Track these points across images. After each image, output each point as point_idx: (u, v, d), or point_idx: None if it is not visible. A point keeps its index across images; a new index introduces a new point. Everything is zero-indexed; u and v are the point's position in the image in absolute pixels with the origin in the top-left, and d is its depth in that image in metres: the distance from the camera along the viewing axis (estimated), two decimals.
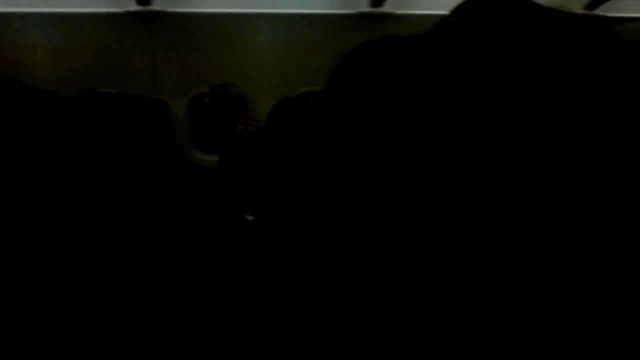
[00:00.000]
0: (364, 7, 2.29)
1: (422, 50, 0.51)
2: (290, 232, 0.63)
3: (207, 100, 2.28)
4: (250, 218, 1.33)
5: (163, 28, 2.23)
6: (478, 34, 0.46)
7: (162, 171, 1.91)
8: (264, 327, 0.62)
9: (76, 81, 2.12)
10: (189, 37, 2.26)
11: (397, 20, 2.31)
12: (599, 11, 2.32)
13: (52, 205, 1.37)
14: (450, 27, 0.49)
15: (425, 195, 0.45)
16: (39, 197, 1.36)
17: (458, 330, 0.43)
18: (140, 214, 1.60)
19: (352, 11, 2.30)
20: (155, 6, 2.17)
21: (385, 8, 2.28)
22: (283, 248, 0.65)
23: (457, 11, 0.51)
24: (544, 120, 0.41)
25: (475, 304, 0.42)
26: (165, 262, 1.34)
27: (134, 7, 2.15)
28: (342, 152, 0.53)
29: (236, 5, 2.23)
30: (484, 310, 0.42)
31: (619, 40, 0.43)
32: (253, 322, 0.66)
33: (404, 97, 0.49)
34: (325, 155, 0.56)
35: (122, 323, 1.14)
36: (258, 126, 1.74)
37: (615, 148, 0.42)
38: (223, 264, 1.10)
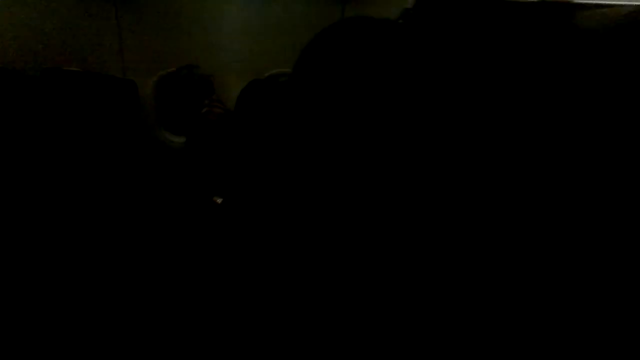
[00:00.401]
0: None
1: (388, 36, 0.50)
2: (260, 215, 0.63)
3: (171, 82, 2.25)
4: (219, 200, 1.32)
5: (131, 6, 2.18)
6: (442, 25, 0.46)
7: (129, 152, 1.88)
8: (226, 307, 0.62)
9: (41, 59, 2.07)
10: (158, 16, 2.22)
11: (368, 1, 2.29)
12: None
13: (14, 187, 1.34)
14: (413, 17, 0.49)
15: (384, 173, 0.45)
16: (2, 182, 1.33)
17: (458, 330, 0.43)
18: (107, 194, 1.57)
19: None
20: None
21: None
22: (252, 230, 0.64)
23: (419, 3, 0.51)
24: (497, 108, 0.42)
25: (475, 303, 0.43)
26: (132, 243, 1.32)
27: None
28: (310, 135, 0.52)
29: None
30: (483, 310, 0.43)
31: (573, 30, 0.44)
32: (219, 303, 0.66)
33: (371, 81, 0.48)
34: (294, 138, 0.55)
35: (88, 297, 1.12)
36: (223, 107, 1.72)
37: (577, 137, 0.42)
38: (191, 246, 1.09)
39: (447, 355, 0.44)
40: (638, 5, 0.71)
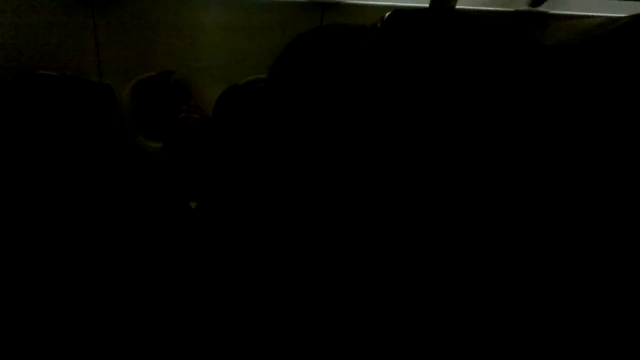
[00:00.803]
0: None
1: (362, 45, 0.51)
2: (234, 220, 0.63)
3: (148, 87, 2.24)
4: (194, 205, 1.31)
5: (108, 10, 2.17)
6: (411, 36, 0.47)
7: (106, 156, 1.86)
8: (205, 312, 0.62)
9: (15, 63, 2.04)
10: (135, 19, 2.20)
11: (347, 9, 2.31)
12: (543, 8, 2.40)
13: None
14: (379, 31, 0.50)
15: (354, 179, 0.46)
16: None
17: (457, 330, 0.44)
18: (83, 199, 1.56)
19: None
20: None
21: None
22: (226, 236, 0.64)
23: (387, 19, 0.52)
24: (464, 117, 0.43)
25: (474, 303, 0.43)
26: (107, 248, 1.31)
27: None
28: (283, 141, 0.53)
29: None
30: (483, 309, 0.43)
31: (541, 44, 0.45)
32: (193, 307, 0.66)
33: (345, 87, 0.49)
34: (267, 144, 0.56)
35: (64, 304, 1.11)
36: (201, 113, 1.72)
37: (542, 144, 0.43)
38: (166, 250, 1.08)
39: (447, 356, 0.44)
40: (608, 17, 0.73)
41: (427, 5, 1.77)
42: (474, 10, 2.34)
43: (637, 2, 2.15)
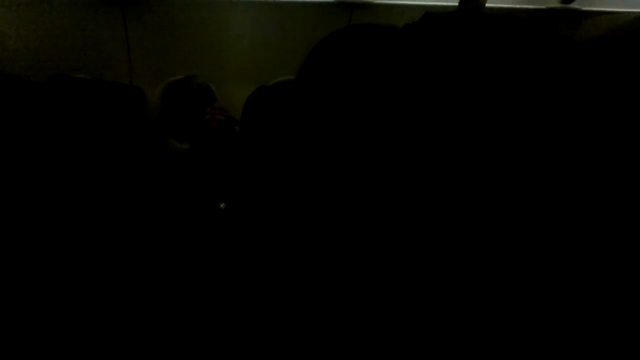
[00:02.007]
0: None
1: (393, 44, 0.51)
2: (266, 221, 0.63)
3: (175, 90, 2.27)
4: (223, 206, 1.33)
5: (139, 14, 2.20)
6: (445, 35, 0.47)
7: (137, 158, 1.89)
8: (234, 313, 0.62)
9: (49, 66, 2.09)
10: (165, 23, 2.23)
11: (375, 8, 2.30)
12: (575, 5, 2.35)
13: (25, 196, 1.35)
14: (416, 31, 0.50)
15: (387, 183, 0.45)
16: (10, 188, 1.34)
17: (457, 330, 0.44)
18: (115, 200, 1.58)
19: None
20: None
21: None
22: (256, 235, 0.65)
23: (421, 20, 0.51)
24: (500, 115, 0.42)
25: (474, 303, 0.43)
26: (139, 248, 1.33)
27: None
28: (314, 141, 0.53)
29: None
30: (483, 309, 0.43)
31: (560, 44, 0.44)
32: (225, 309, 0.66)
33: (375, 87, 0.49)
34: (299, 144, 0.56)
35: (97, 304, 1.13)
36: (226, 114, 1.74)
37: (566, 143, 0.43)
38: (195, 251, 1.09)
39: (447, 356, 0.44)
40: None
41: (457, 4, 1.75)
42: (506, 9, 2.31)
43: None
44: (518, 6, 2.41)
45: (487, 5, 1.72)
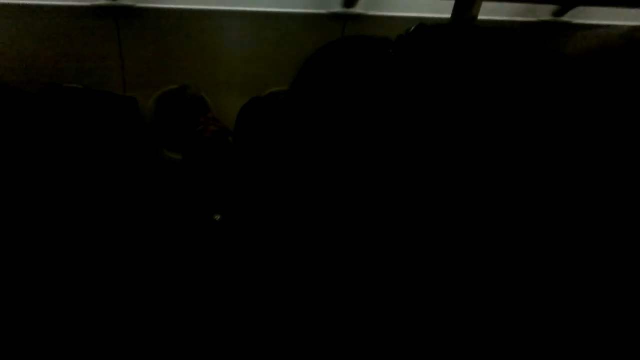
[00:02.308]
0: (335, 7, 2.29)
1: (386, 58, 0.51)
2: (263, 232, 0.63)
3: (168, 101, 2.27)
4: (218, 217, 1.32)
5: (132, 23, 2.20)
6: (438, 49, 0.47)
7: (130, 168, 1.89)
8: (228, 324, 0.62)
9: (40, 76, 2.08)
10: (159, 33, 2.23)
11: (368, 21, 2.32)
12: (566, 18, 2.38)
13: (17, 206, 1.34)
14: (401, 46, 0.50)
15: (381, 196, 0.45)
16: (2, 197, 1.33)
17: (458, 330, 0.44)
18: (108, 211, 1.57)
19: (323, 11, 2.30)
20: (125, 1, 2.14)
21: (357, 9, 2.29)
22: (255, 248, 0.64)
23: (411, 32, 0.52)
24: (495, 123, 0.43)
25: (474, 303, 0.43)
26: (133, 260, 1.32)
27: (103, 1, 2.12)
28: (308, 152, 0.53)
29: (206, 2, 2.22)
30: (483, 310, 0.43)
31: (565, 55, 0.45)
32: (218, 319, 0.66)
33: (370, 99, 0.49)
34: (292, 154, 0.56)
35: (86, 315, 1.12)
36: (219, 125, 1.74)
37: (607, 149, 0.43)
38: (192, 263, 1.09)
39: (447, 356, 0.44)
40: (633, 25, 0.72)
41: (449, 15, 1.77)
42: (498, 21, 2.33)
43: None
44: (510, 18, 2.43)
45: (479, 17, 1.74)
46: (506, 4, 2.29)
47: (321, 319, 0.48)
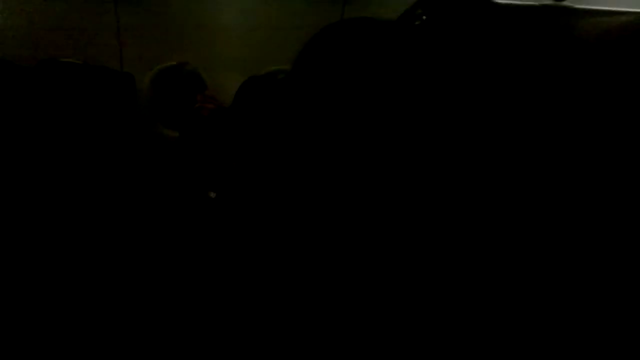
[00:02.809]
0: None
1: (389, 37, 0.51)
2: (257, 211, 0.63)
3: (166, 77, 2.25)
4: (213, 195, 1.32)
5: (130, 1, 2.18)
6: (442, 30, 0.47)
7: (126, 145, 1.88)
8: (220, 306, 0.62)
9: (36, 51, 2.06)
10: (157, 9, 2.22)
11: (369, 2, 2.30)
12: (568, 2, 2.36)
13: (10, 182, 1.34)
14: (415, 18, 0.50)
15: (379, 179, 0.45)
16: None
17: (457, 330, 0.44)
18: (103, 188, 1.57)
19: None
20: None
21: None
22: (248, 226, 0.64)
23: (421, 5, 0.51)
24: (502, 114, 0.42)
25: (474, 303, 0.43)
26: (128, 238, 1.32)
27: None
28: (309, 133, 0.53)
29: None
30: (483, 309, 0.43)
31: (573, 38, 0.44)
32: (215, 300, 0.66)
33: (370, 80, 0.49)
34: (292, 134, 0.56)
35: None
36: (216, 103, 1.73)
37: (579, 144, 0.43)
38: (187, 241, 1.09)
39: (447, 355, 0.44)
40: (634, 12, 0.71)
41: None
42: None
43: None
44: (509, 1, 2.40)
45: None
46: None
47: (320, 314, 0.48)
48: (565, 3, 2.35)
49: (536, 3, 2.38)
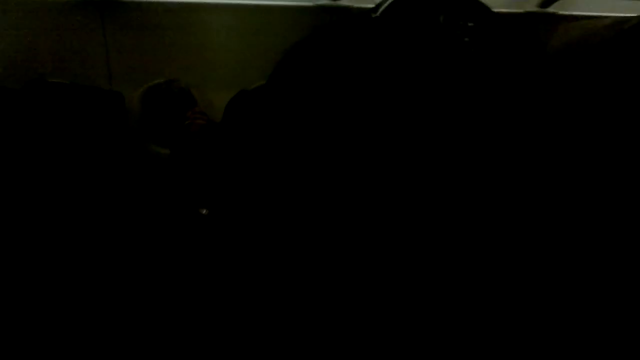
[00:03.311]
0: (323, 0, 2.28)
1: (357, 45, 0.51)
2: (248, 226, 0.62)
3: (155, 95, 2.25)
4: (205, 211, 1.32)
5: (117, 16, 2.18)
6: (402, 33, 0.47)
7: (116, 163, 1.87)
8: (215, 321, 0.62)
9: (25, 71, 2.05)
10: (145, 26, 2.21)
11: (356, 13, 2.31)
12: (552, 9, 2.38)
13: (5, 205, 1.33)
14: (375, 23, 0.50)
15: (353, 187, 0.45)
16: None
17: (457, 330, 0.44)
18: (94, 206, 1.56)
19: (310, 4, 2.29)
20: None
21: (344, 2, 2.28)
22: (241, 241, 0.64)
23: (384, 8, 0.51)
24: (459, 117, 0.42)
25: (474, 303, 0.43)
26: (117, 253, 1.31)
27: None
28: (286, 141, 0.52)
29: None
30: (483, 310, 0.43)
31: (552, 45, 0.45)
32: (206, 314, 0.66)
33: (344, 87, 0.49)
34: (272, 146, 0.55)
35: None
36: (206, 119, 1.74)
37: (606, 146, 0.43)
38: (179, 258, 1.08)
39: (447, 355, 0.44)
40: (617, 16, 0.72)
41: None
42: None
43: None
44: (495, 10, 2.42)
45: None
46: None
47: (319, 315, 0.48)
48: (549, 10, 2.37)
49: (521, 10, 2.41)
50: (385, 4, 0.53)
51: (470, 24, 0.52)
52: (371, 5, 2.15)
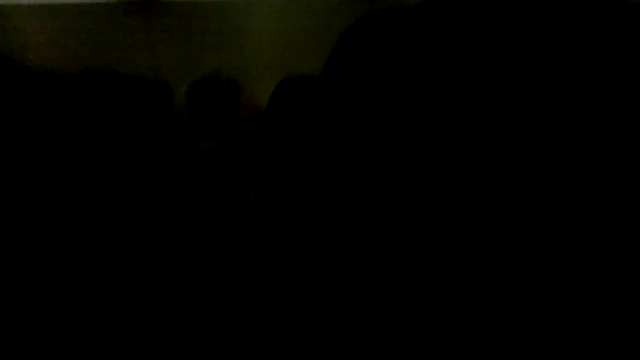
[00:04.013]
0: None
1: (412, 32, 0.49)
2: (293, 220, 0.62)
3: (201, 87, 2.27)
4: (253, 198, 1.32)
5: (160, 15, 2.21)
6: (473, 18, 0.45)
7: (165, 155, 1.91)
8: (260, 322, 0.62)
9: (74, 63, 2.11)
10: (187, 23, 2.25)
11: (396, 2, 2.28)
12: None
13: (50, 195, 1.36)
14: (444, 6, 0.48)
15: (422, 191, 0.43)
16: (33, 186, 1.35)
17: (457, 330, 0.43)
18: (141, 196, 1.59)
19: None
20: None
21: None
22: (284, 238, 0.64)
23: None
24: (541, 116, 0.40)
25: (474, 304, 0.42)
26: (168, 254, 1.33)
27: None
28: (342, 137, 0.51)
29: None
30: (483, 310, 0.42)
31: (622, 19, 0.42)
32: (250, 318, 0.65)
33: (403, 83, 0.47)
34: (326, 140, 0.54)
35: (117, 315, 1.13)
36: (253, 108, 1.74)
37: (613, 145, 0.40)
38: (226, 255, 1.09)
39: (447, 355, 0.43)
40: None
41: None
42: None
43: None
44: None
45: None
46: None
47: (321, 315, 0.47)
48: None
49: None
50: None
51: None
52: None
